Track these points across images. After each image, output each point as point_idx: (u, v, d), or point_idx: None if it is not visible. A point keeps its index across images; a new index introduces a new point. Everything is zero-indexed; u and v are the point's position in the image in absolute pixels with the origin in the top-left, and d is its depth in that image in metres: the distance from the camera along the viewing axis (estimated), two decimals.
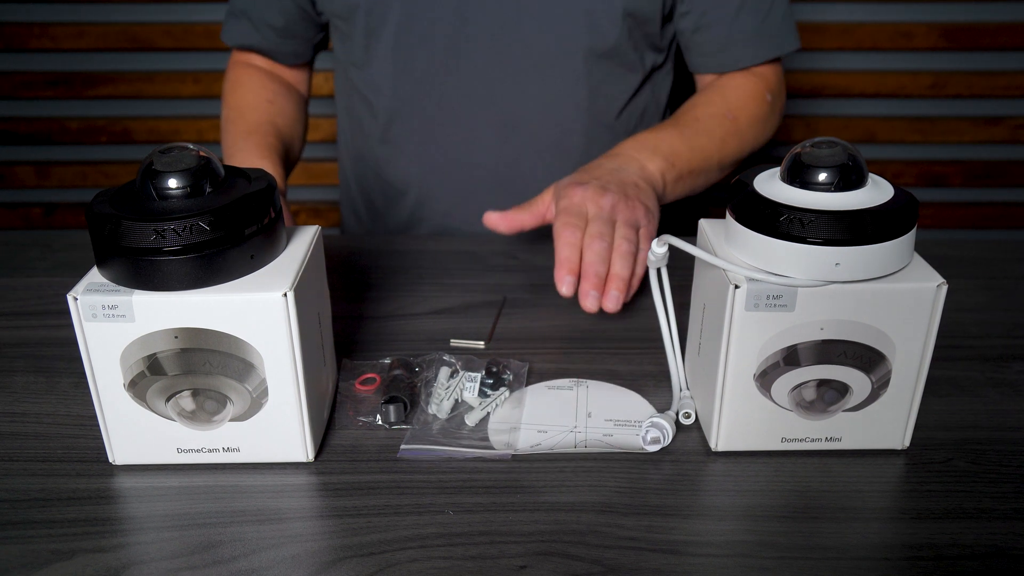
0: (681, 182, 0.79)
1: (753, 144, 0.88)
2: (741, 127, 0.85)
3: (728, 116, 0.84)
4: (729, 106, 0.85)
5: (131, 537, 0.46)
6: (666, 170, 0.77)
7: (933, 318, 0.48)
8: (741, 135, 0.86)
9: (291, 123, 0.93)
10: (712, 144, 0.82)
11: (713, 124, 0.83)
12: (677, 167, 0.78)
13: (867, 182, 0.48)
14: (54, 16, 1.60)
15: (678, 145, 0.79)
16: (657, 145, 0.78)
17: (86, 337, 0.46)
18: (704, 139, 0.82)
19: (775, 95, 0.90)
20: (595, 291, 0.62)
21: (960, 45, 1.61)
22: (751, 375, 0.49)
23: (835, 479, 0.50)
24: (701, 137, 0.82)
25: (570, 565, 0.44)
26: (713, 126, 0.83)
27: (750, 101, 0.87)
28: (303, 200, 1.75)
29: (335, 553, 0.44)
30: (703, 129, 0.82)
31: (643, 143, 0.78)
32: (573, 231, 0.64)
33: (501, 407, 0.56)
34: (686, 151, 0.79)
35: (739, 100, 0.86)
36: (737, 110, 0.85)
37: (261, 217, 0.48)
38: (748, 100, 0.87)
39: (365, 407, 0.56)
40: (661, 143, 0.78)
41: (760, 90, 0.88)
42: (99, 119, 1.68)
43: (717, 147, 0.83)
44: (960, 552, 0.45)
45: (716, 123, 0.84)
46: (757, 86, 0.88)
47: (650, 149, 0.77)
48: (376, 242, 0.84)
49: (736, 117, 0.85)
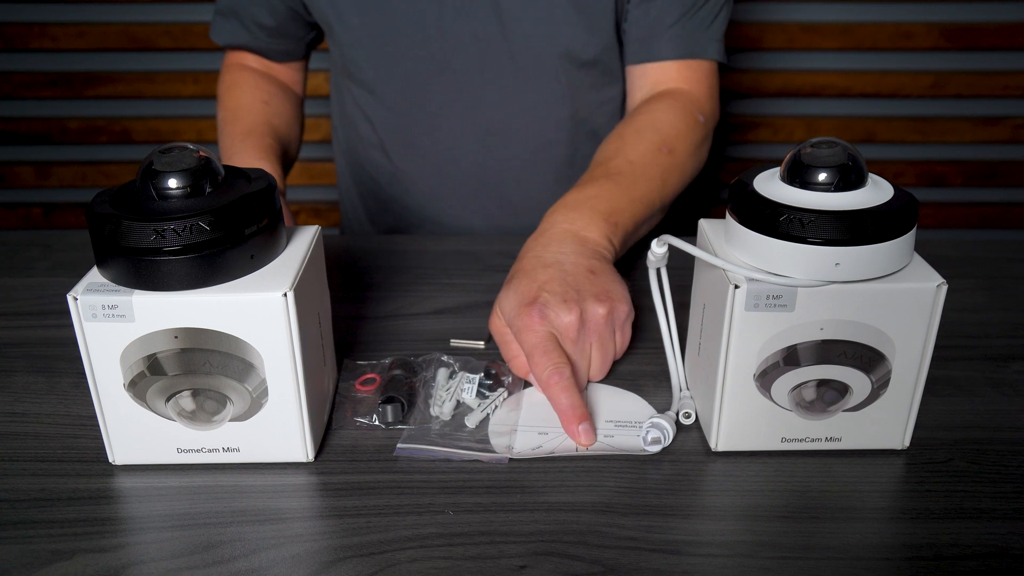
0: (630, 237, 0.70)
1: (693, 174, 0.80)
2: (679, 160, 0.77)
3: (664, 149, 0.75)
4: (663, 137, 0.76)
5: (131, 537, 0.46)
6: (610, 233, 0.66)
7: (933, 318, 0.48)
8: (681, 169, 0.77)
9: (288, 123, 0.93)
10: (653, 188, 0.73)
11: (649, 163, 0.74)
12: (621, 225, 0.67)
13: (867, 182, 0.48)
14: (54, 16, 1.60)
15: (617, 199, 0.68)
16: (595, 206, 0.66)
17: (86, 337, 0.46)
18: (643, 185, 0.72)
19: (707, 116, 0.83)
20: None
21: (960, 45, 1.61)
22: (751, 375, 0.49)
23: (835, 479, 0.50)
24: (639, 184, 0.71)
25: (570, 565, 0.44)
26: (650, 166, 0.73)
27: (683, 128, 0.78)
28: (303, 200, 1.75)
29: (335, 553, 0.44)
30: (641, 174, 0.72)
31: (577, 207, 0.66)
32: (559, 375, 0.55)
33: (501, 408, 0.56)
34: (626, 204, 0.69)
35: (672, 128, 0.78)
36: (672, 140, 0.77)
37: (261, 217, 0.48)
38: (681, 127, 0.78)
39: (364, 407, 0.56)
40: (597, 202, 0.67)
41: (691, 113, 0.80)
42: (99, 119, 1.68)
43: (658, 189, 0.73)
44: (960, 552, 0.45)
45: (652, 161, 0.74)
46: (686, 108, 0.81)
47: (587, 213, 0.66)
48: (376, 242, 0.84)
49: (672, 149, 0.76)
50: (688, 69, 0.84)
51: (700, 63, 0.84)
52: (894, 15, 1.59)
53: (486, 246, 0.82)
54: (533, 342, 0.56)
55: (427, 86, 0.87)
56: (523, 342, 0.57)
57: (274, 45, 0.94)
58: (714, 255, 0.49)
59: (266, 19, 0.91)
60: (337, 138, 1.02)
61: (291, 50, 0.95)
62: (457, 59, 0.85)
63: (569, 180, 0.92)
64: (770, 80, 1.65)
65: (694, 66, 0.84)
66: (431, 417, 0.55)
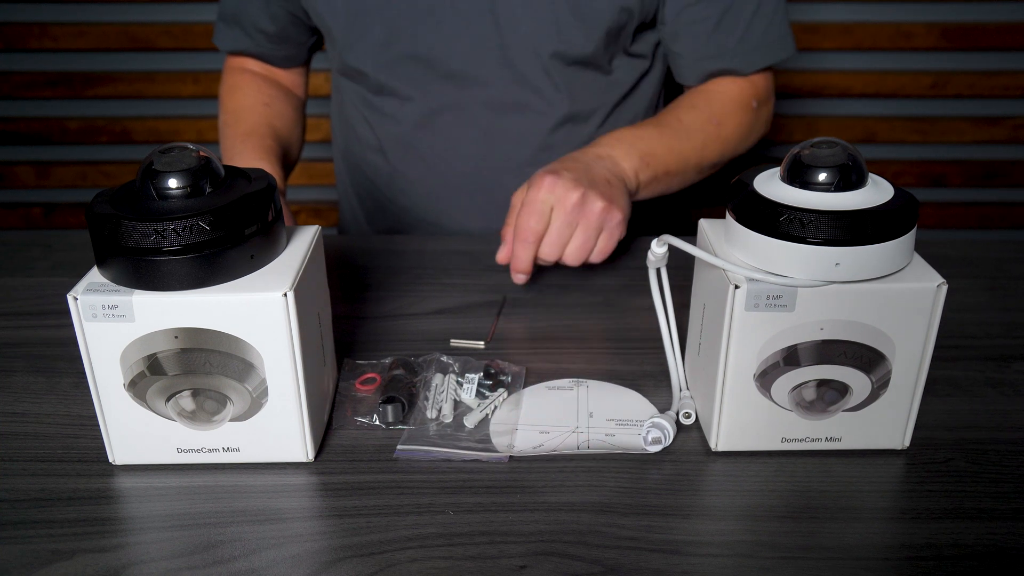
0: (656, 182, 0.80)
1: (735, 150, 0.88)
2: (724, 134, 0.85)
3: (712, 121, 0.84)
4: (713, 111, 0.84)
5: (131, 537, 0.46)
6: (640, 169, 0.77)
7: (933, 318, 0.48)
8: (723, 141, 0.85)
9: (289, 125, 0.93)
10: (691, 148, 0.82)
11: (695, 128, 0.83)
12: (652, 167, 0.78)
13: (867, 182, 0.48)
14: (54, 16, 1.60)
15: (656, 145, 0.79)
16: (634, 143, 0.78)
17: (86, 337, 0.46)
18: (684, 142, 0.81)
19: (762, 102, 0.89)
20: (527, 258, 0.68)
21: (960, 45, 1.61)
22: (751, 375, 0.49)
23: (835, 479, 0.50)
24: (681, 140, 0.81)
25: (570, 565, 0.44)
26: (695, 130, 0.83)
27: (736, 108, 0.86)
28: (303, 200, 1.75)
29: (335, 553, 0.44)
30: (684, 132, 0.82)
31: (621, 139, 0.78)
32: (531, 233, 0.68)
33: (500, 408, 0.56)
34: (663, 152, 0.79)
35: (724, 106, 0.85)
36: (722, 116, 0.85)
37: (261, 217, 0.48)
38: (734, 107, 0.86)
39: (364, 407, 0.56)
40: (639, 141, 0.78)
41: (747, 97, 0.87)
42: (99, 119, 1.68)
43: (696, 151, 0.83)
44: (960, 552, 0.45)
45: (698, 127, 0.83)
46: (744, 92, 0.87)
47: (627, 146, 0.77)
48: (376, 242, 0.84)
49: (720, 123, 0.84)
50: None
51: None
52: (894, 15, 1.59)
53: (486, 246, 0.82)
54: (530, 199, 0.68)
55: (423, 88, 0.87)
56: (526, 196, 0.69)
57: (276, 51, 0.94)
58: (714, 255, 0.49)
59: (267, 25, 0.91)
60: (336, 140, 1.03)
61: (293, 55, 0.96)
62: (453, 61, 0.85)
63: None
64: None
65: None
66: (429, 418, 0.55)
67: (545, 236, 0.68)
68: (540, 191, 0.68)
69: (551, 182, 0.68)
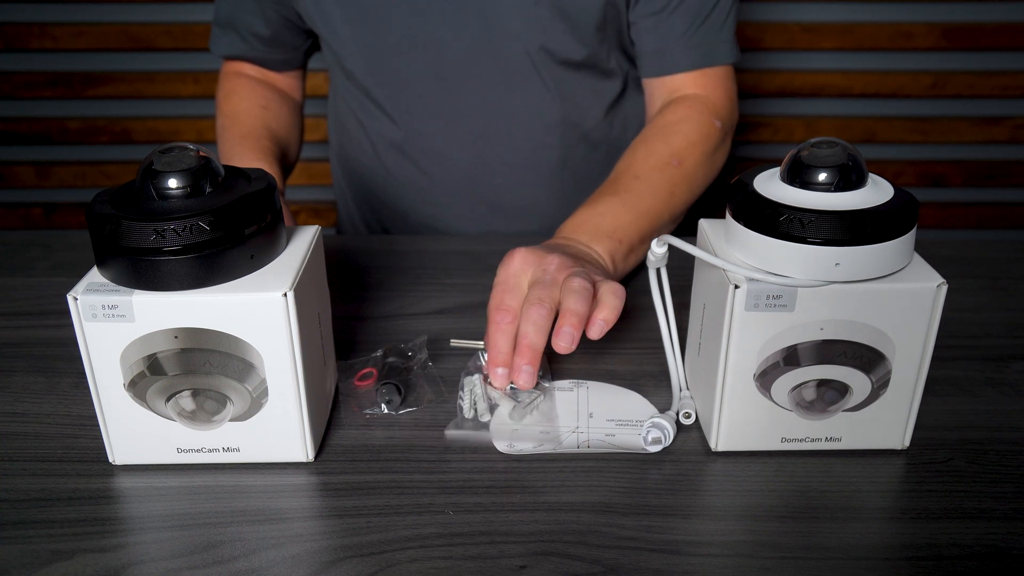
0: (633, 254, 0.71)
1: (705, 183, 0.81)
2: (689, 171, 0.77)
3: (672, 163, 0.76)
4: (672, 150, 0.77)
5: (131, 537, 0.46)
6: (614, 250, 0.69)
7: (933, 318, 0.48)
8: (690, 180, 0.78)
9: (286, 128, 0.93)
10: (659, 202, 0.74)
11: (657, 178, 0.75)
12: (625, 243, 0.70)
13: (867, 182, 0.48)
14: (54, 16, 1.60)
15: (622, 216, 0.71)
16: (599, 224, 0.69)
17: (86, 337, 0.46)
18: (649, 199, 0.73)
19: (724, 119, 0.83)
20: (529, 366, 0.54)
21: (960, 45, 1.61)
22: (751, 375, 0.49)
23: (835, 479, 0.50)
24: (646, 198, 0.73)
25: (570, 565, 0.44)
26: (657, 180, 0.75)
27: (696, 137, 0.79)
28: (303, 200, 1.75)
29: (335, 553, 0.44)
30: (647, 188, 0.74)
31: (582, 225, 0.69)
32: (504, 313, 0.56)
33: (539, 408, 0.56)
34: (632, 220, 0.71)
35: (684, 140, 0.78)
36: (682, 152, 0.77)
37: (261, 217, 0.48)
38: (694, 137, 0.79)
39: (367, 401, 0.57)
40: (602, 220, 0.70)
41: (707, 120, 0.81)
42: (99, 119, 1.68)
43: (666, 203, 0.75)
44: (960, 552, 0.45)
45: (660, 176, 0.75)
46: (702, 115, 0.81)
47: (591, 229, 0.69)
48: (376, 242, 0.84)
49: (682, 160, 0.77)
50: (704, 76, 0.84)
51: (715, 69, 0.84)
52: (894, 15, 1.59)
53: (486, 246, 0.82)
54: (500, 276, 0.59)
55: (416, 91, 0.87)
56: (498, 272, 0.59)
57: (271, 54, 0.94)
58: (714, 255, 0.49)
59: (261, 29, 0.91)
60: (331, 141, 1.03)
61: (288, 59, 0.96)
62: (445, 64, 0.85)
63: (561, 183, 0.92)
64: (770, 80, 1.65)
65: (710, 73, 0.84)
66: (467, 418, 0.55)
67: (523, 310, 0.56)
68: (508, 268, 0.59)
69: (521, 255, 0.59)
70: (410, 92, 0.88)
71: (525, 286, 0.58)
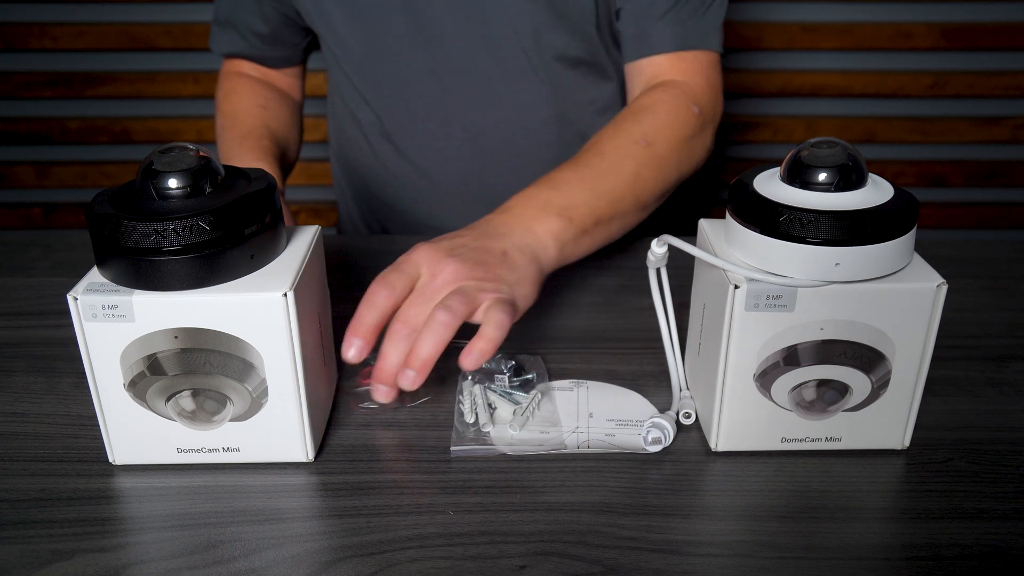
0: (587, 236, 0.66)
1: (679, 170, 0.75)
2: (659, 153, 0.72)
3: (640, 142, 0.71)
4: (643, 129, 0.72)
5: (131, 537, 0.46)
6: (561, 230, 0.63)
7: (933, 318, 0.48)
8: (660, 162, 0.72)
9: (286, 127, 0.93)
10: (623, 182, 0.69)
11: (621, 156, 0.70)
12: (577, 222, 0.64)
13: (867, 182, 0.48)
14: (54, 16, 1.60)
15: (578, 193, 0.66)
16: (549, 199, 0.64)
17: (86, 337, 0.46)
18: (612, 178, 0.68)
19: (705, 107, 0.79)
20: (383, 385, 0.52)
21: (960, 45, 1.61)
22: (751, 375, 0.49)
23: (835, 479, 0.50)
24: (608, 177, 0.68)
25: (570, 565, 0.44)
26: (622, 159, 0.70)
27: (670, 119, 0.75)
28: (303, 200, 1.75)
29: (335, 553, 0.44)
30: (609, 166, 0.69)
31: (532, 198, 0.65)
32: (386, 291, 0.54)
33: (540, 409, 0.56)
34: (589, 199, 0.66)
35: (656, 121, 0.74)
36: (653, 132, 0.72)
37: (261, 217, 0.48)
38: (667, 119, 0.75)
39: (364, 395, 0.57)
40: (555, 195, 0.65)
41: (683, 103, 0.77)
42: (99, 119, 1.68)
43: (630, 184, 0.69)
44: (960, 552, 0.45)
45: (625, 154, 0.70)
46: (679, 99, 0.77)
47: (540, 206, 0.64)
48: (376, 242, 0.84)
49: (651, 141, 0.72)
50: (683, 61, 0.81)
51: (696, 54, 0.81)
52: (894, 15, 1.59)
53: None
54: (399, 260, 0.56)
55: (414, 89, 0.88)
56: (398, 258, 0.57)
57: (270, 52, 0.94)
58: (714, 255, 0.49)
59: (260, 26, 0.91)
60: (331, 140, 1.03)
61: (287, 56, 0.96)
62: (443, 62, 0.85)
63: None
64: (770, 80, 1.65)
65: (689, 57, 0.81)
66: (468, 423, 0.55)
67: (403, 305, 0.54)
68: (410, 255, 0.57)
69: (425, 249, 0.57)
70: (408, 90, 0.88)
71: (417, 277, 0.56)
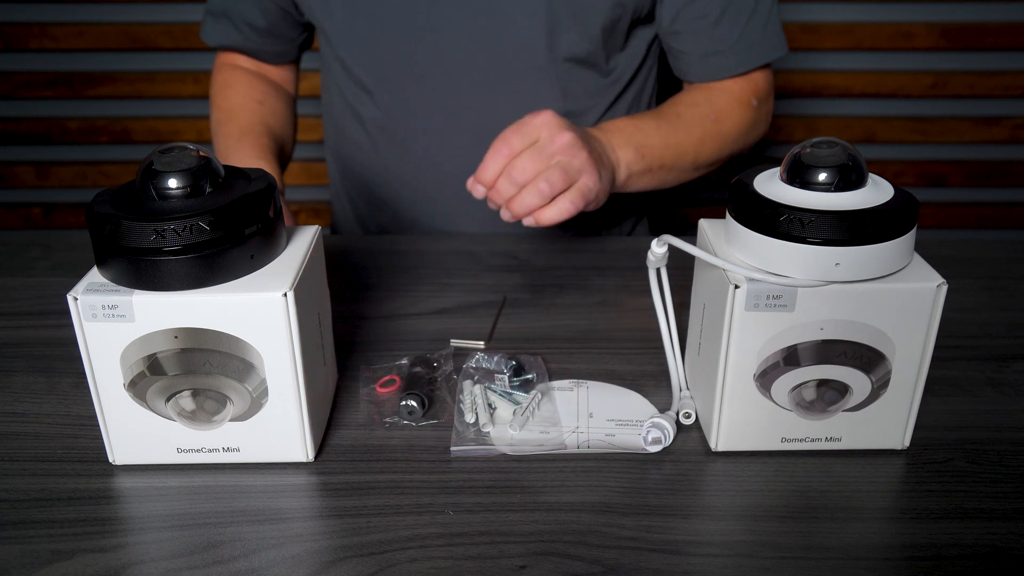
0: (649, 174, 0.79)
1: (733, 148, 0.87)
2: (723, 130, 0.84)
3: (711, 117, 0.83)
4: (714, 107, 0.84)
5: (131, 537, 0.46)
6: (633, 161, 0.76)
7: (933, 318, 0.48)
8: (722, 137, 0.85)
9: (282, 123, 0.93)
10: (689, 142, 0.82)
11: (694, 123, 0.83)
12: (646, 159, 0.77)
13: (867, 182, 0.48)
14: (54, 16, 1.60)
15: (653, 137, 0.78)
16: (632, 133, 0.77)
17: (86, 337, 0.46)
18: (682, 136, 0.81)
19: (762, 100, 0.88)
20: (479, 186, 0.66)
21: (960, 45, 1.61)
22: (751, 375, 0.49)
23: (835, 479, 0.50)
24: (679, 133, 0.81)
25: (570, 565, 0.44)
26: (694, 125, 0.82)
27: (736, 105, 0.86)
28: (303, 200, 1.75)
29: (335, 553, 0.44)
30: (683, 126, 0.82)
31: (619, 128, 0.77)
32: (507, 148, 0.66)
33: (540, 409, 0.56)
34: (660, 144, 0.79)
35: (725, 103, 0.85)
36: (721, 112, 0.84)
37: (261, 217, 0.48)
38: (734, 104, 0.86)
39: (387, 408, 0.56)
40: (636, 132, 0.77)
41: (747, 95, 0.86)
42: (99, 119, 1.68)
43: (694, 146, 0.82)
44: (960, 552, 0.45)
45: (697, 122, 0.83)
46: (744, 90, 0.86)
47: (624, 136, 0.76)
48: (376, 242, 0.84)
49: (719, 119, 0.84)
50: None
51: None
52: (894, 15, 1.59)
53: (486, 246, 0.82)
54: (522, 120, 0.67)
55: (416, 86, 0.87)
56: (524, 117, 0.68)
57: (266, 46, 0.93)
58: (714, 255, 0.49)
59: (257, 20, 0.90)
60: (327, 140, 1.02)
61: (283, 51, 0.95)
62: (447, 59, 0.85)
63: None
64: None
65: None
66: (468, 423, 0.55)
67: (517, 158, 0.65)
68: (535, 118, 0.67)
69: (548, 117, 0.67)
70: (409, 85, 0.87)
71: (536, 137, 0.66)
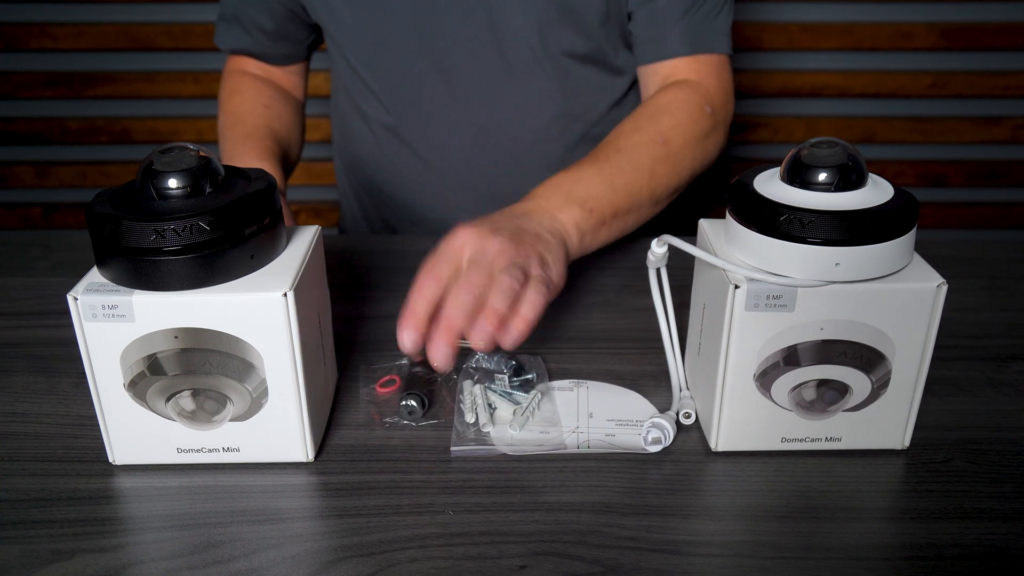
0: (605, 227, 0.69)
1: (692, 167, 0.79)
2: (674, 150, 0.76)
3: (658, 140, 0.75)
4: (659, 128, 0.76)
5: (131, 537, 0.46)
6: (581, 219, 0.66)
7: (933, 318, 0.48)
8: (675, 160, 0.76)
9: (288, 127, 0.93)
10: (639, 177, 0.72)
11: (640, 153, 0.74)
12: (595, 212, 0.68)
13: (867, 182, 0.48)
14: (54, 16, 1.60)
15: (597, 186, 0.69)
16: (571, 190, 0.68)
17: (86, 337, 0.46)
18: (629, 173, 0.72)
19: (717, 108, 0.82)
20: (448, 347, 0.51)
21: (960, 45, 1.61)
22: (751, 375, 0.49)
23: (835, 479, 0.50)
24: (625, 172, 0.72)
25: (570, 565, 0.44)
26: (640, 155, 0.73)
27: (685, 119, 0.78)
28: (303, 200, 1.75)
29: (335, 553, 0.44)
30: (628, 162, 0.72)
31: (556, 188, 0.68)
32: (432, 279, 0.54)
33: (540, 409, 0.56)
34: (607, 192, 0.69)
35: (672, 120, 0.77)
36: (669, 131, 0.76)
37: (261, 217, 0.48)
38: (682, 118, 0.78)
39: (388, 408, 0.56)
40: (576, 187, 0.68)
41: (697, 103, 0.80)
42: (99, 119, 1.68)
43: (646, 179, 0.73)
44: (960, 552, 0.45)
45: (643, 151, 0.74)
46: (693, 98, 0.80)
47: (563, 196, 0.67)
48: (376, 242, 0.84)
49: (668, 140, 0.75)
50: (697, 63, 0.84)
51: (709, 57, 0.84)
52: (894, 15, 1.59)
53: None
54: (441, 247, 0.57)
55: (420, 83, 0.88)
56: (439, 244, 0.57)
57: (274, 48, 0.94)
58: (714, 255, 0.49)
59: (266, 22, 0.91)
60: (335, 137, 1.03)
61: (291, 53, 0.96)
62: (449, 57, 0.85)
63: None
64: (770, 80, 1.65)
65: (703, 60, 0.84)
66: (468, 423, 0.55)
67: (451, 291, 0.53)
68: (452, 241, 0.57)
69: (464, 233, 0.57)
70: (413, 83, 0.88)
71: (463, 262, 0.56)
